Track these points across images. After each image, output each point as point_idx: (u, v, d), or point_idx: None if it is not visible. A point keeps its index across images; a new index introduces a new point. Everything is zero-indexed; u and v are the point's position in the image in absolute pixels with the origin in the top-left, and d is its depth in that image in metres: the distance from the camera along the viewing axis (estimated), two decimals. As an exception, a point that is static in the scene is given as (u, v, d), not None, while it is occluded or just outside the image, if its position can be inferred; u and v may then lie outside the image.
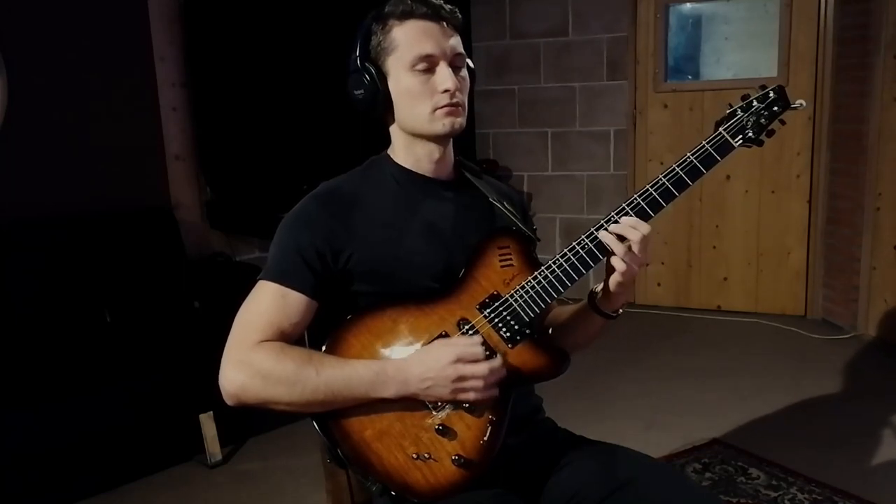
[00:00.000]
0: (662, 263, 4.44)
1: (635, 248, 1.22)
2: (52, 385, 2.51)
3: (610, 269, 1.26)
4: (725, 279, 4.31)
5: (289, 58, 3.54)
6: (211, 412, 2.68)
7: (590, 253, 1.24)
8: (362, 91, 1.28)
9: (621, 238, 1.22)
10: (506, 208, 1.36)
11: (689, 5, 4.32)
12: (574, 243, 1.25)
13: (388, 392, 1.18)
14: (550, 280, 1.25)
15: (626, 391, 3.23)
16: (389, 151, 1.38)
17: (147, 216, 3.27)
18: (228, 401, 1.21)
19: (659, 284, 4.48)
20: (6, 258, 2.80)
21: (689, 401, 3.12)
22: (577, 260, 1.24)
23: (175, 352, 2.81)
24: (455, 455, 1.20)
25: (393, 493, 1.20)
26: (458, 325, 1.24)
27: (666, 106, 4.27)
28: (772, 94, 1.27)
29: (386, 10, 1.28)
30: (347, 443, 1.21)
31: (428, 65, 1.26)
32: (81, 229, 3.03)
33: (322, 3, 3.60)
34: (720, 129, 1.27)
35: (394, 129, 1.34)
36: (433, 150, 1.33)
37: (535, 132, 4.62)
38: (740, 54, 4.29)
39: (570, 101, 4.51)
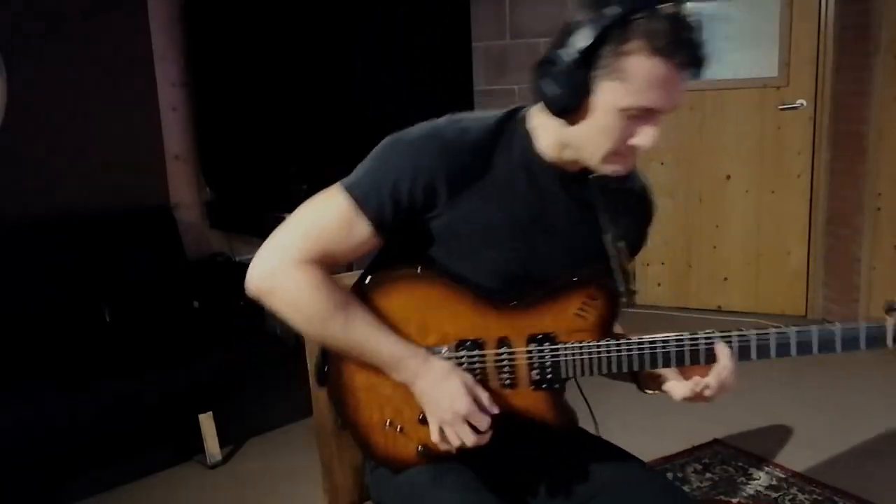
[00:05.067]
0: (662, 263, 4.43)
1: (715, 387, 1.17)
2: (51, 385, 2.51)
3: (684, 383, 1.19)
4: (725, 279, 4.30)
5: (289, 58, 3.53)
6: (210, 412, 2.67)
7: (666, 356, 1.17)
8: (558, 94, 1.10)
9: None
10: (619, 253, 1.21)
11: (689, 5, 4.30)
12: (661, 338, 1.17)
13: (396, 377, 1.18)
14: (611, 357, 1.18)
15: (627, 391, 3.20)
16: (533, 119, 1.20)
17: (147, 216, 3.27)
18: (248, 289, 1.17)
19: (659, 284, 4.47)
20: (6, 258, 2.80)
21: (690, 401, 3.11)
22: (649, 355, 1.17)
23: (175, 352, 2.81)
24: (422, 445, 1.20)
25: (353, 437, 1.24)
26: (499, 342, 1.19)
27: (666, 106, 4.26)
28: None
29: (639, 21, 1.05)
30: (336, 375, 1.22)
31: (641, 115, 1.09)
32: (81, 229, 3.03)
33: (322, 4, 3.60)
34: (890, 319, 1.15)
35: (555, 124, 1.15)
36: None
37: (535, 132, 4.61)
38: (740, 54, 4.28)
39: (570, 101, 4.49)
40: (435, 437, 1.17)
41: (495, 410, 1.16)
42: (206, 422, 2.67)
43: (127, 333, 2.94)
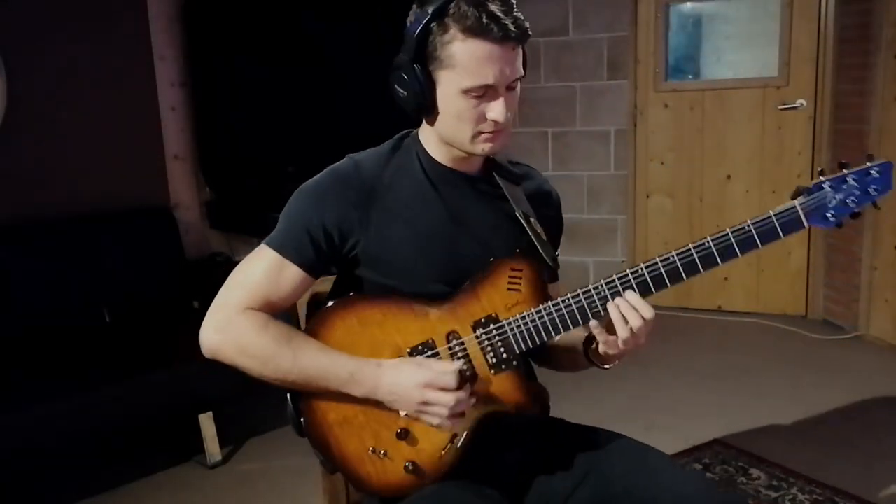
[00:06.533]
0: (663, 263, 4.43)
1: (636, 332, 1.21)
2: (50, 385, 2.50)
3: (607, 337, 1.21)
4: (726, 279, 4.30)
5: (288, 57, 3.53)
6: (210, 412, 2.67)
7: (604, 301, 1.20)
8: (406, 93, 1.20)
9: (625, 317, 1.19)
10: (531, 225, 1.29)
11: (689, 4, 4.31)
12: (591, 287, 1.20)
13: (358, 392, 1.19)
14: (554, 319, 1.20)
15: (627, 391, 3.22)
16: (421, 135, 1.31)
17: (146, 216, 3.27)
18: (204, 353, 1.25)
19: (659, 284, 4.47)
20: (6, 257, 2.80)
21: (690, 401, 3.12)
22: (588, 305, 1.20)
23: (175, 352, 2.80)
24: (408, 462, 1.21)
25: (347, 481, 1.24)
26: (448, 336, 1.21)
27: (666, 105, 4.26)
28: (874, 171, 1.16)
29: (450, 11, 1.14)
30: (310, 421, 1.24)
31: (483, 92, 1.17)
32: (81, 229, 3.03)
33: (322, 4, 3.60)
34: (795, 202, 1.17)
35: (429, 128, 1.27)
36: (466, 154, 1.27)
37: (535, 132, 4.61)
38: (741, 54, 4.28)
39: (570, 101, 4.50)
40: (430, 422, 1.18)
41: (455, 365, 1.17)
42: (206, 422, 2.67)
43: (127, 333, 2.94)
